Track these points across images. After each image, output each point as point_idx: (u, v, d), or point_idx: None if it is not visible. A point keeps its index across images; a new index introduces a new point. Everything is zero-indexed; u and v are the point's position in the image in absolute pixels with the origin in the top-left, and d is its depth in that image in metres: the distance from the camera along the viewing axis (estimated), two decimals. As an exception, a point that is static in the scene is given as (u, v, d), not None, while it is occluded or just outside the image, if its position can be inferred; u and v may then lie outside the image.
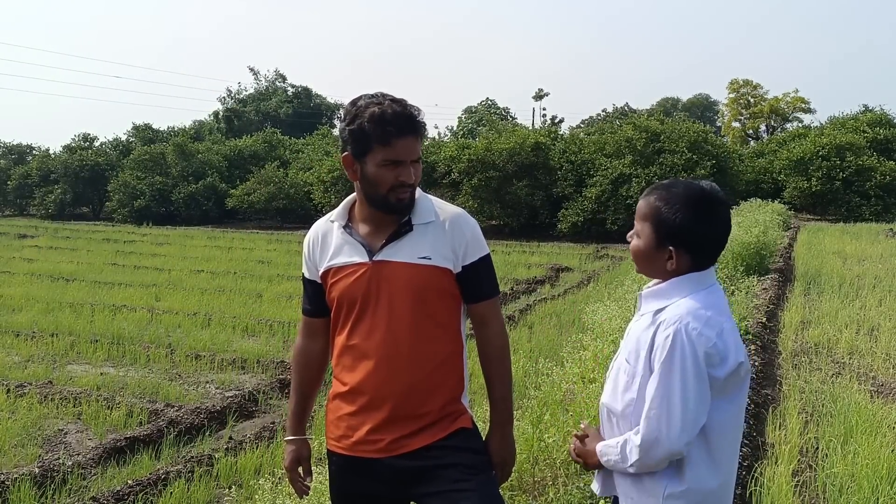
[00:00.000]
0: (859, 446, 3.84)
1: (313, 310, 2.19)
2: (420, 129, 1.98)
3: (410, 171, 1.97)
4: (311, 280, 2.15)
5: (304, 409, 2.27)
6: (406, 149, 1.95)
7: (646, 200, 1.83)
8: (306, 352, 2.23)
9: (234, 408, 5.50)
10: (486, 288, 2.12)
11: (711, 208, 1.77)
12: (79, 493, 4.15)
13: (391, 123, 1.92)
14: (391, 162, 1.94)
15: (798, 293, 8.96)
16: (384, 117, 1.92)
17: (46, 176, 31.70)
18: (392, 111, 1.93)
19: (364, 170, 1.98)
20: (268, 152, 31.97)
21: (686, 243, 1.76)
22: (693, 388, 1.66)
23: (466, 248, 2.06)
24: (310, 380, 2.25)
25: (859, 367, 5.88)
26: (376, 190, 1.98)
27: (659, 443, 1.67)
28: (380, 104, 1.95)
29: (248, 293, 10.50)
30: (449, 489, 1.96)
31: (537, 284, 11.49)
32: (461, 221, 2.07)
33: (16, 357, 7.09)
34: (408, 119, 1.95)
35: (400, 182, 1.96)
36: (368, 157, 1.96)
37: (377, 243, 2.02)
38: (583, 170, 21.67)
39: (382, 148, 1.93)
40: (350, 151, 2.00)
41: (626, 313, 5.68)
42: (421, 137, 2.00)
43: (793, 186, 22.65)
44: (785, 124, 44.80)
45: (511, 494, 3.21)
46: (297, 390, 2.26)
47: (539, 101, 55.76)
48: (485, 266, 2.11)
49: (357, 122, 1.95)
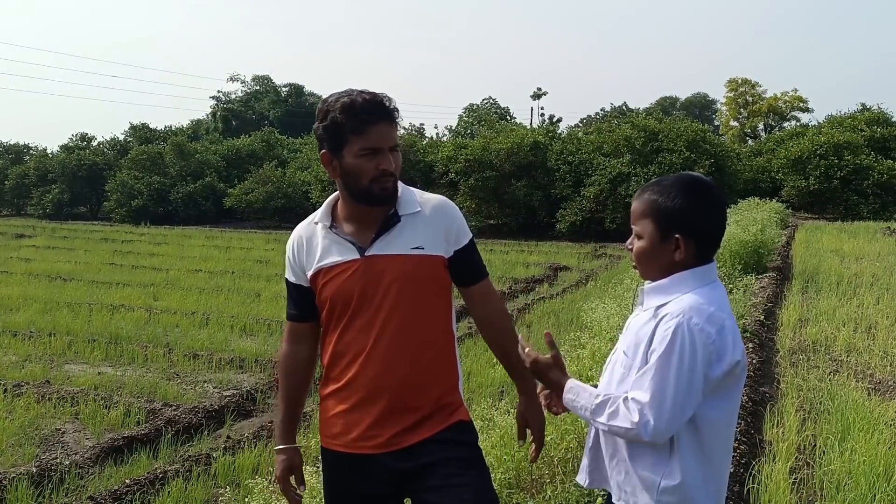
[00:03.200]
0: (856, 443, 3.84)
1: (299, 314, 2.15)
2: (393, 115, 1.97)
3: (389, 158, 1.96)
4: (297, 284, 2.12)
5: (294, 417, 2.22)
6: (381, 135, 1.94)
7: (639, 200, 1.83)
8: (293, 358, 2.18)
9: (231, 407, 5.50)
10: (478, 269, 2.15)
11: (706, 190, 1.79)
12: (76, 492, 4.14)
13: (363, 111, 1.92)
14: (369, 150, 1.93)
15: (796, 291, 8.97)
16: (354, 106, 1.92)
17: (44, 175, 31.66)
18: (362, 99, 1.93)
19: (343, 164, 1.97)
20: (266, 152, 31.99)
21: (690, 228, 1.76)
22: (686, 382, 1.66)
23: (457, 233, 2.07)
24: (297, 385, 2.20)
25: (857, 365, 5.89)
26: (358, 182, 1.96)
27: (644, 429, 1.67)
28: (349, 95, 1.95)
29: (246, 293, 10.50)
30: (443, 484, 1.96)
31: (536, 284, 11.49)
32: (447, 208, 2.08)
33: (13, 357, 7.07)
34: (379, 105, 1.94)
35: (381, 171, 1.95)
36: (345, 149, 1.95)
37: (366, 239, 2.01)
38: (581, 169, 21.67)
39: (358, 137, 1.93)
40: (327, 148, 1.99)
41: (624, 311, 5.69)
42: (395, 124, 1.99)
43: (791, 185, 22.69)
44: (783, 123, 44.89)
45: (508, 493, 3.20)
46: (284, 397, 2.21)
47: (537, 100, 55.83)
48: (473, 249, 2.14)
49: (329, 117, 1.95)
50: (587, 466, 1.94)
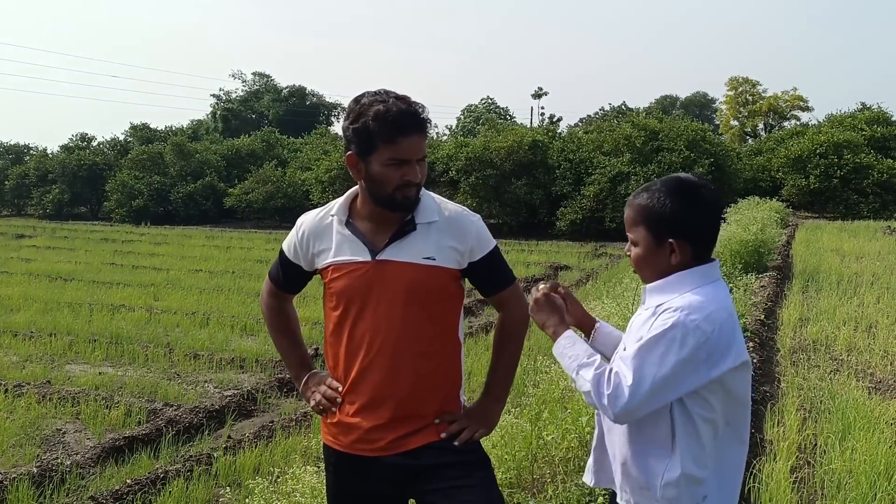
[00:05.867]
0: (857, 442, 3.84)
1: (284, 285, 2.23)
2: (425, 127, 1.94)
3: (416, 169, 1.93)
4: (294, 263, 2.14)
5: (303, 354, 2.26)
6: (412, 147, 1.90)
7: (631, 208, 1.84)
8: (280, 309, 2.26)
9: (232, 407, 5.50)
10: (498, 279, 2.13)
11: (696, 191, 1.79)
12: (77, 492, 4.15)
13: (396, 122, 1.87)
14: (397, 161, 1.90)
15: (796, 290, 8.97)
16: (389, 115, 1.87)
17: (44, 176, 31.62)
18: (397, 109, 1.88)
19: (369, 169, 1.93)
20: (266, 151, 31.97)
21: (683, 231, 1.77)
22: (669, 371, 1.66)
23: (472, 246, 2.04)
24: (292, 327, 2.28)
25: (857, 364, 5.89)
26: (382, 189, 1.93)
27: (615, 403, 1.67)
28: (384, 102, 1.89)
29: (246, 292, 10.49)
30: (449, 486, 1.96)
31: (536, 283, 11.47)
32: (464, 220, 2.04)
33: (14, 357, 7.07)
34: (413, 117, 1.90)
35: (406, 181, 1.92)
36: (374, 156, 1.91)
37: (380, 242, 1.99)
38: (581, 168, 21.67)
39: (388, 147, 1.89)
40: (354, 151, 1.94)
41: (624, 311, 5.69)
42: (426, 135, 1.96)
43: (791, 184, 22.66)
44: (783, 122, 44.84)
45: (510, 492, 3.21)
46: (284, 337, 2.26)
47: (537, 99, 55.86)
48: (494, 260, 2.10)
49: (361, 121, 1.89)
50: (592, 466, 1.95)
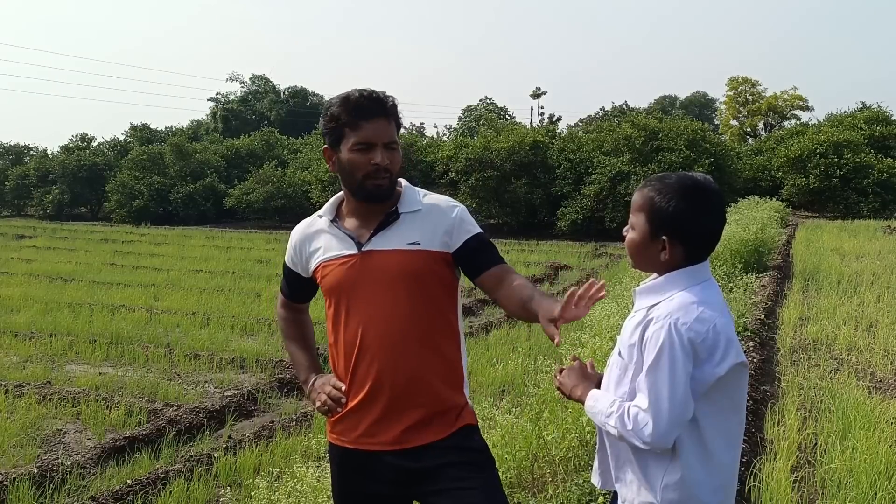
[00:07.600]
0: (857, 442, 3.84)
1: (291, 296, 2.30)
2: (390, 112, 2.00)
3: (382, 153, 1.96)
4: (295, 272, 2.20)
5: (313, 359, 2.26)
6: (376, 131, 1.97)
7: (640, 192, 1.83)
8: (294, 319, 2.32)
9: (233, 407, 5.50)
10: (486, 258, 2.03)
11: (704, 198, 1.77)
12: (78, 492, 4.15)
13: (359, 105, 1.97)
14: (363, 145, 1.96)
15: (796, 290, 8.97)
16: (350, 100, 1.98)
17: (44, 176, 31.66)
18: (359, 94, 1.98)
19: (340, 158, 2.01)
20: (266, 152, 31.98)
21: (679, 233, 1.76)
22: (682, 384, 1.66)
23: (457, 229, 2.03)
24: (305, 333, 2.32)
25: (857, 364, 5.89)
26: (353, 177, 2.00)
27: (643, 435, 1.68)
28: (349, 93, 2.00)
29: (246, 293, 10.50)
30: (453, 487, 1.96)
31: (536, 282, 11.50)
32: (447, 206, 2.08)
33: (14, 357, 7.08)
34: (375, 101, 1.98)
35: (374, 166, 1.96)
36: (342, 144, 1.99)
37: (365, 235, 2.04)
38: (581, 168, 21.69)
39: (353, 132, 1.97)
40: (328, 143, 2.05)
41: (624, 311, 5.69)
42: (393, 121, 2.00)
43: (791, 184, 22.69)
44: (783, 122, 44.82)
45: (510, 492, 3.21)
46: (297, 344, 2.28)
47: (537, 99, 55.78)
48: (481, 242, 2.05)
49: (329, 112, 2.01)
50: (598, 468, 1.95)
